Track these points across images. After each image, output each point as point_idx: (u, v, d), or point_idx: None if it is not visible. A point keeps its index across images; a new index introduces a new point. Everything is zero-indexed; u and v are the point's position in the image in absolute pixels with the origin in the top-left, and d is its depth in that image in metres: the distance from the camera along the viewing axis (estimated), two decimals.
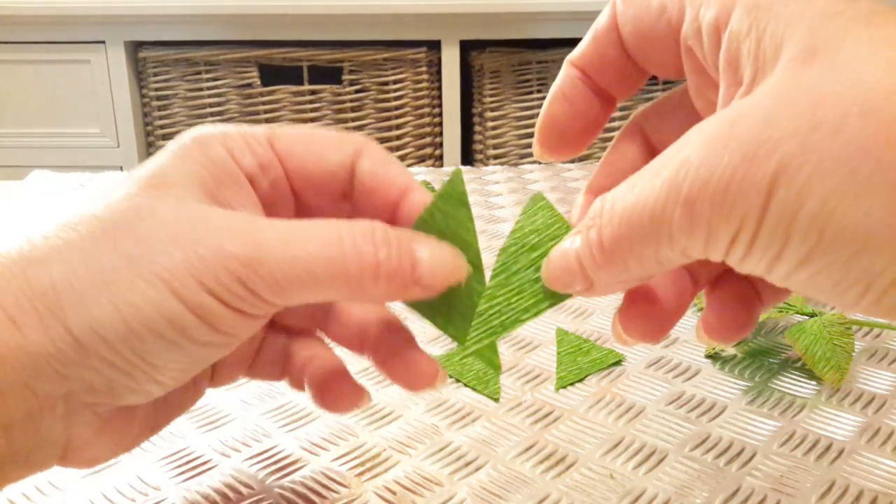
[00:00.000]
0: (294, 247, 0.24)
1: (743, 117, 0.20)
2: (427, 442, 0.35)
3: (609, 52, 0.27)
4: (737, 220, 0.19)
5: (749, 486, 0.32)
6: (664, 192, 0.21)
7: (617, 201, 0.22)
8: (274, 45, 1.59)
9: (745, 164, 0.19)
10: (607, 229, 0.22)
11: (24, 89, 1.62)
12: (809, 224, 0.19)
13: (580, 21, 1.58)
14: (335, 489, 0.32)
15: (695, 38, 0.23)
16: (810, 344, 0.40)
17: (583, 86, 0.28)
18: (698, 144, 0.20)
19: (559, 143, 0.29)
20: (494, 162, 1.66)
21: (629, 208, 0.22)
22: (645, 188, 0.21)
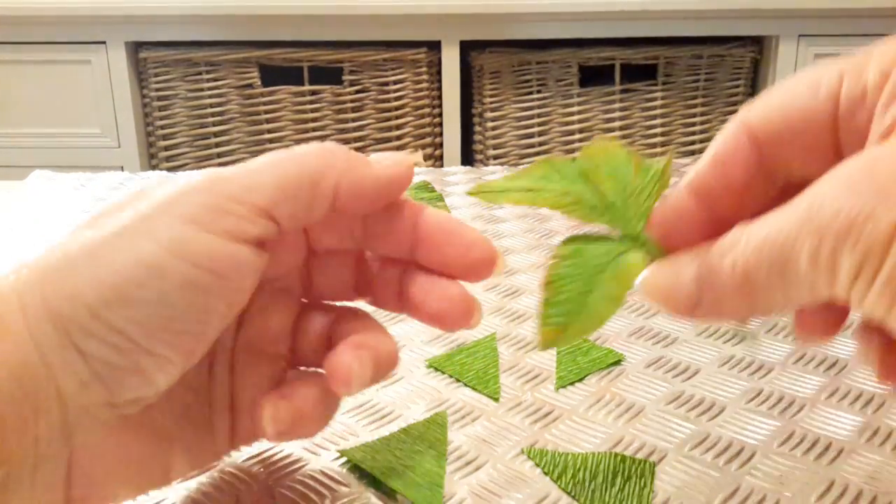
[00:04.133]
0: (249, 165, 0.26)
1: (883, 157, 0.20)
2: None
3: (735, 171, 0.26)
4: (860, 254, 0.19)
5: (748, 486, 0.32)
6: (797, 224, 0.21)
7: (752, 233, 0.22)
8: (274, 45, 1.59)
9: (875, 199, 0.19)
10: (741, 257, 0.22)
11: (24, 89, 1.62)
12: None
13: (580, 21, 1.58)
14: (335, 489, 0.32)
15: (857, 102, 0.23)
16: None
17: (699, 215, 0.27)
18: (836, 181, 0.20)
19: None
20: (494, 162, 1.66)
21: (764, 238, 0.22)
22: (780, 220, 0.21)
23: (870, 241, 0.19)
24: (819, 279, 0.20)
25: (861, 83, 0.23)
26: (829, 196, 0.20)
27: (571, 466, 0.33)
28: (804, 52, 1.63)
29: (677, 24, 1.60)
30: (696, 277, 0.24)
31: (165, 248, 0.23)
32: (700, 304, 0.24)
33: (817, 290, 0.21)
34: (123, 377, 0.24)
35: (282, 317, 0.30)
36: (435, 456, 0.34)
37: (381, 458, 0.33)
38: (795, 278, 0.21)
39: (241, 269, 0.25)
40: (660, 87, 1.66)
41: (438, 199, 0.59)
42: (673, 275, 0.25)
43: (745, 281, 0.22)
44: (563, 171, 0.28)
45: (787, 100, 0.25)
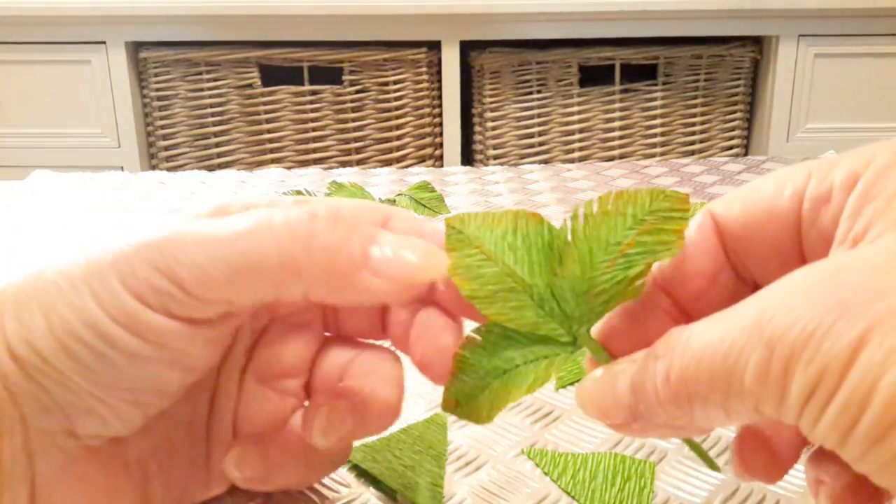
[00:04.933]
0: (216, 227, 0.22)
1: (849, 266, 0.18)
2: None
3: (702, 261, 0.24)
4: (815, 373, 0.17)
5: (748, 486, 0.32)
6: (745, 332, 0.18)
7: (694, 336, 0.20)
8: (274, 45, 1.59)
9: (837, 312, 0.17)
10: (678, 363, 0.20)
11: (24, 89, 1.62)
12: (891, 396, 0.16)
13: (580, 21, 1.58)
14: (335, 489, 0.32)
15: (822, 200, 0.21)
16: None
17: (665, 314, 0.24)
18: (792, 287, 0.18)
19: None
20: (494, 162, 1.66)
21: (705, 345, 0.19)
22: (727, 325, 0.19)
23: (827, 360, 0.17)
24: (766, 397, 0.18)
25: (827, 183, 0.21)
26: (783, 304, 0.18)
27: (571, 466, 0.33)
28: (804, 52, 1.63)
29: (677, 24, 1.60)
30: (630, 386, 0.21)
31: (110, 316, 0.22)
32: (637, 418, 0.21)
33: (763, 408, 0.18)
34: (80, 415, 0.23)
35: (297, 351, 0.28)
36: (435, 456, 0.34)
37: (381, 458, 0.33)
38: (739, 393, 0.18)
39: (192, 342, 0.23)
40: (660, 87, 1.67)
41: (438, 199, 0.59)
42: (609, 384, 0.22)
43: (682, 391, 0.20)
44: (532, 238, 0.25)
45: (753, 195, 0.23)
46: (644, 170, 0.79)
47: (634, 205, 0.24)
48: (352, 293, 0.23)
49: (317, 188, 0.70)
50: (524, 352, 0.24)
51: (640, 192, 0.24)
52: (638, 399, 0.21)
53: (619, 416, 0.22)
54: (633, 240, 0.23)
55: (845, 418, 0.17)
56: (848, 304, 0.17)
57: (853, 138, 1.67)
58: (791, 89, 1.65)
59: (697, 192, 0.71)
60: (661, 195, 0.24)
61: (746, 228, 0.23)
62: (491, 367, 0.24)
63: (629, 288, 0.23)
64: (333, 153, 1.66)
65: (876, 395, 0.16)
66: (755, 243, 0.23)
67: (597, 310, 0.24)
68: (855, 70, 1.65)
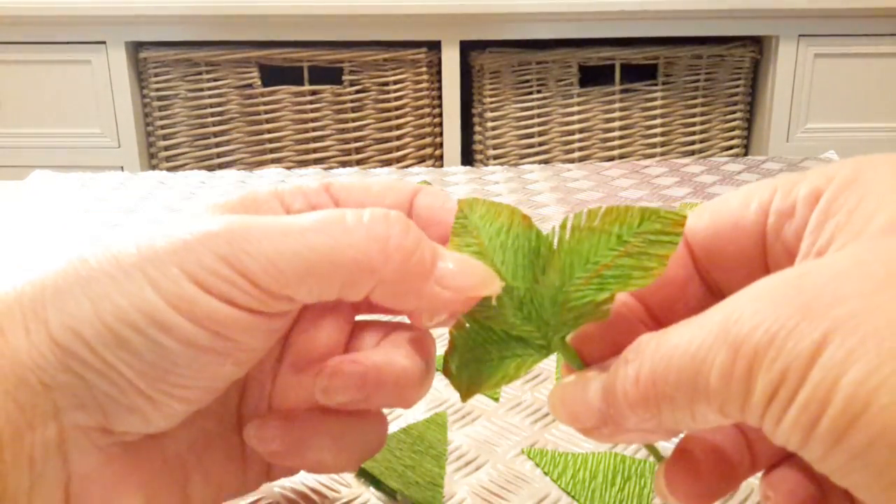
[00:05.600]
0: (285, 222, 0.22)
1: (810, 272, 0.18)
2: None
3: (676, 273, 0.24)
4: (778, 373, 0.17)
5: (748, 486, 0.32)
6: (711, 335, 0.19)
7: (663, 340, 0.20)
8: (274, 45, 1.59)
9: (799, 314, 0.17)
10: (647, 365, 0.20)
11: (24, 89, 1.62)
12: (850, 396, 0.16)
13: (580, 21, 1.58)
14: (335, 489, 0.32)
15: (786, 214, 0.22)
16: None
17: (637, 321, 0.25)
18: (758, 293, 0.19)
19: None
20: (494, 162, 1.66)
21: (673, 347, 0.20)
22: (692, 329, 0.19)
23: (789, 360, 0.17)
24: (730, 397, 0.18)
25: (791, 198, 0.22)
26: (748, 308, 0.18)
27: (571, 466, 0.33)
28: (804, 52, 1.63)
29: (677, 24, 1.60)
30: (602, 391, 0.22)
31: (169, 303, 0.22)
32: (607, 422, 0.22)
33: (727, 409, 0.19)
34: (119, 411, 0.23)
35: (331, 335, 0.27)
36: (435, 456, 0.34)
37: (381, 458, 0.33)
38: (705, 394, 0.19)
39: (251, 332, 0.23)
40: (660, 87, 1.67)
41: None
42: (579, 390, 0.23)
43: (651, 393, 0.20)
44: (520, 241, 0.24)
45: (721, 208, 0.24)
46: (644, 170, 0.79)
47: (622, 224, 0.23)
48: (415, 298, 0.24)
49: None
50: (500, 347, 0.25)
51: (630, 210, 0.23)
52: (608, 403, 0.22)
53: (590, 421, 0.22)
54: (611, 261, 0.23)
55: (807, 417, 0.17)
56: (810, 307, 0.17)
57: (853, 138, 1.67)
58: (791, 89, 1.65)
59: (697, 192, 0.71)
60: (653, 216, 0.23)
61: (714, 240, 0.24)
62: (472, 354, 0.25)
63: (597, 310, 0.23)
64: (333, 153, 1.66)
65: (836, 393, 0.16)
66: (722, 254, 0.24)
67: (569, 322, 0.24)
68: (855, 70, 1.65)
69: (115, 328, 0.22)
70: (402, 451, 0.34)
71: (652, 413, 0.20)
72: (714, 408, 0.19)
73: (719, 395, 0.19)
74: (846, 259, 0.19)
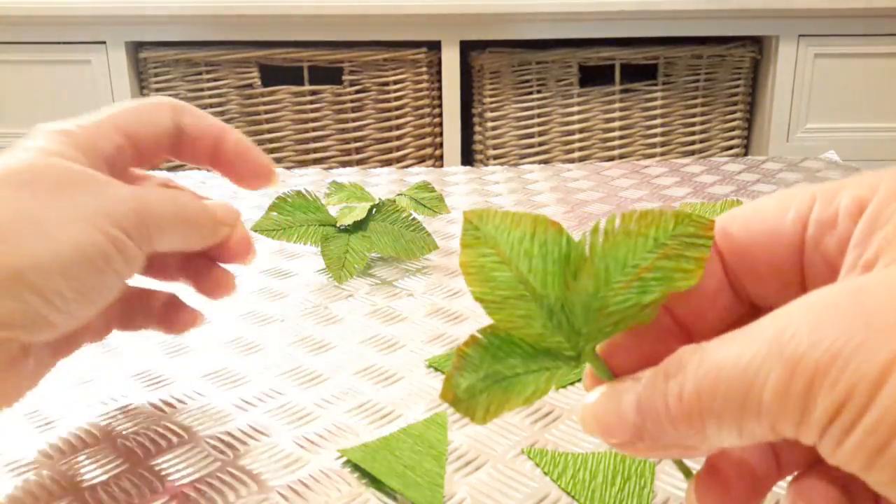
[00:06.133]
0: (159, 196, 0.33)
1: (870, 287, 0.18)
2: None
3: (706, 282, 0.23)
4: (841, 394, 0.16)
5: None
6: (763, 350, 0.18)
7: (707, 353, 0.19)
8: (274, 45, 1.59)
9: (863, 333, 0.17)
10: (691, 381, 0.19)
11: (24, 89, 1.62)
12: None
13: (580, 21, 1.58)
14: (336, 488, 0.32)
15: (827, 225, 0.21)
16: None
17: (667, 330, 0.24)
18: (812, 306, 0.18)
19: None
20: (494, 162, 1.66)
21: (722, 361, 0.19)
22: (744, 343, 0.18)
23: (855, 380, 0.16)
24: (785, 416, 0.18)
25: (833, 208, 0.21)
26: (804, 323, 0.17)
27: (571, 466, 0.33)
28: (804, 52, 1.63)
29: (677, 24, 1.60)
30: (636, 404, 0.21)
31: (112, 244, 0.30)
32: (643, 437, 0.21)
33: (780, 428, 0.18)
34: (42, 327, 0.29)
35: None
36: (435, 456, 0.34)
37: (381, 458, 0.33)
38: (756, 412, 0.18)
39: (138, 270, 0.32)
40: (660, 87, 1.67)
41: (438, 199, 0.59)
42: (612, 402, 0.22)
43: (695, 409, 0.19)
44: (549, 247, 0.24)
45: (755, 215, 0.23)
46: (644, 170, 0.79)
47: (657, 227, 0.23)
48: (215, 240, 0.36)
49: (317, 188, 0.70)
50: (527, 361, 0.24)
51: (664, 213, 0.23)
52: (645, 417, 0.21)
53: (624, 435, 0.22)
54: (651, 264, 0.23)
55: (874, 440, 0.16)
56: (873, 325, 0.17)
57: (853, 138, 1.67)
58: (791, 89, 1.65)
59: (697, 192, 0.71)
60: (686, 219, 0.23)
61: (747, 249, 0.23)
62: (492, 370, 0.24)
63: (641, 313, 0.23)
64: (333, 153, 1.66)
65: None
66: (756, 264, 0.23)
67: (605, 329, 0.23)
68: (855, 70, 1.64)
69: (76, 260, 0.29)
70: (402, 451, 0.34)
71: (696, 429, 0.20)
72: (765, 426, 0.18)
73: (772, 414, 0.18)
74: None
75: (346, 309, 0.49)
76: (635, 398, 0.21)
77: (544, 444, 0.35)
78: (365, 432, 0.36)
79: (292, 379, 0.41)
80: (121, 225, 0.30)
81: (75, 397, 0.39)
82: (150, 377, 0.41)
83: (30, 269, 0.28)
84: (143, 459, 0.34)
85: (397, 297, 0.50)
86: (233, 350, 0.44)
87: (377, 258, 0.57)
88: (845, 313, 0.17)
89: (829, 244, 0.21)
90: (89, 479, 0.33)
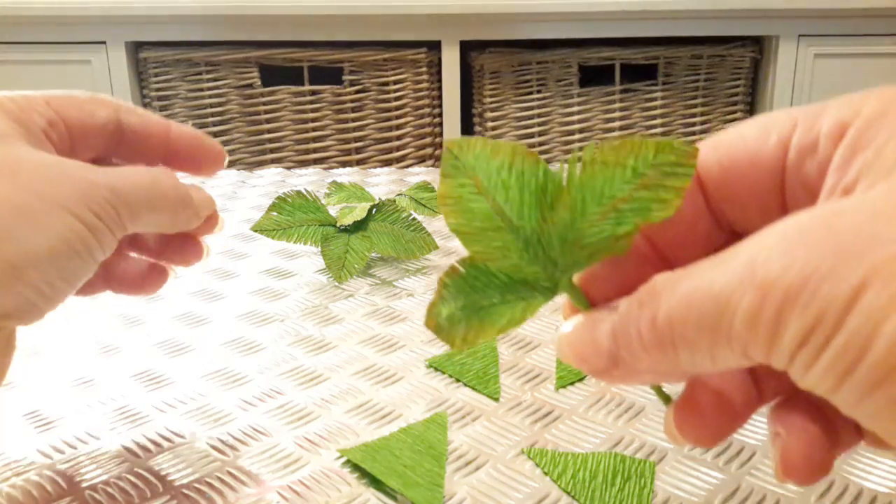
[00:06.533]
0: (135, 183, 0.32)
1: (845, 211, 0.17)
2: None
3: (686, 209, 0.23)
4: (812, 317, 0.17)
5: (748, 486, 0.32)
6: (736, 275, 0.18)
7: (681, 280, 0.19)
8: (274, 45, 1.59)
9: (835, 257, 0.16)
10: (664, 307, 0.20)
11: (24, 89, 1.61)
12: (892, 343, 0.16)
13: (580, 21, 1.58)
14: (336, 488, 0.32)
15: (808, 149, 0.21)
16: None
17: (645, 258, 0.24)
18: (787, 232, 0.18)
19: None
20: None
21: (693, 288, 0.19)
22: (714, 270, 0.19)
23: (825, 304, 0.16)
24: (756, 341, 0.18)
25: (814, 132, 0.21)
26: (777, 248, 0.17)
27: (571, 466, 0.33)
28: (804, 52, 1.63)
29: (677, 24, 1.60)
30: (611, 332, 0.21)
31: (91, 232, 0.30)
32: (618, 364, 0.21)
33: (752, 352, 0.18)
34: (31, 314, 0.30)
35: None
36: (435, 456, 0.34)
37: (381, 458, 0.33)
38: (727, 337, 0.18)
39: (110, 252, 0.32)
40: (660, 87, 1.66)
41: None
42: (588, 331, 0.22)
43: (668, 336, 0.20)
44: (526, 177, 0.24)
45: (736, 141, 0.23)
46: None
47: (636, 157, 0.23)
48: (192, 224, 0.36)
49: (317, 188, 0.70)
50: (503, 291, 0.24)
51: (645, 142, 0.23)
52: (619, 345, 0.21)
53: (599, 363, 0.22)
54: (628, 194, 0.22)
55: (842, 363, 0.16)
56: (846, 249, 0.16)
57: None
58: (791, 89, 1.65)
59: None
60: (667, 147, 0.22)
61: (728, 174, 0.23)
62: (470, 300, 0.24)
63: (616, 244, 0.22)
64: (333, 153, 1.66)
65: (877, 340, 0.16)
66: (736, 190, 0.23)
67: (581, 260, 0.23)
68: (855, 70, 1.64)
69: (61, 251, 0.29)
70: (402, 451, 0.34)
71: (669, 356, 0.20)
72: (737, 351, 0.18)
73: (743, 339, 0.18)
74: (882, 198, 0.18)
75: (346, 309, 0.49)
76: (610, 326, 0.21)
77: (544, 444, 0.35)
78: (365, 432, 0.36)
79: (292, 379, 0.41)
80: (96, 212, 0.30)
81: (75, 397, 0.39)
82: (150, 377, 0.41)
83: (26, 262, 0.28)
84: (143, 459, 0.34)
85: (397, 297, 0.50)
86: (233, 350, 0.44)
87: (377, 258, 0.57)
88: (817, 238, 0.17)
89: (811, 169, 0.21)
90: (89, 479, 0.33)
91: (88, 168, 0.31)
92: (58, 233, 0.29)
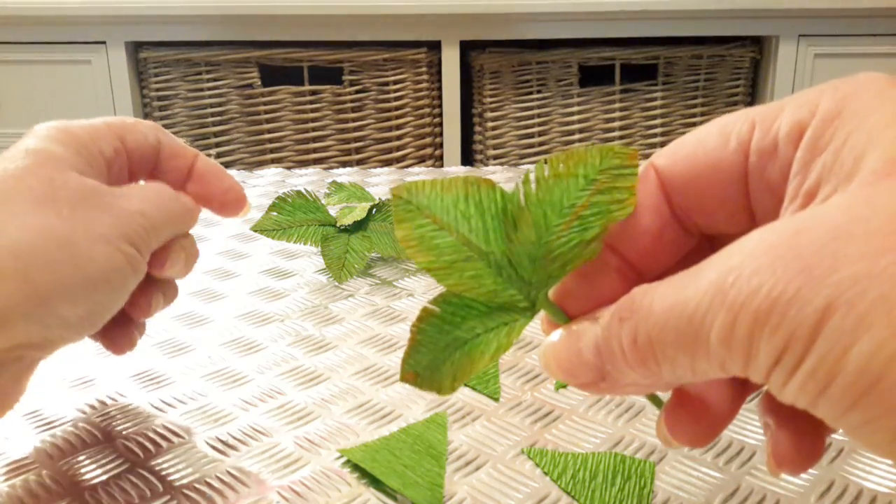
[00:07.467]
0: (159, 205, 0.34)
1: (808, 229, 0.17)
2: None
3: (646, 217, 0.23)
4: (782, 339, 0.17)
5: (748, 486, 0.32)
6: (708, 297, 0.18)
7: (657, 298, 0.20)
8: (274, 45, 1.59)
9: (800, 279, 0.17)
10: (643, 326, 0.20)
11: (24, 89, 1.62)
12: (863, 366, 0.16)
13: (580, 21, 1.58)
14: (336, 488, 0.32)
15: (768, 153, 0.21)
16: None
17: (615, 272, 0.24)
18: (753, 251, 0.18)
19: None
20: (494, 162, 1.66)
21: (668, 308, 0.19)
22: (688, 289, 0.19)
23: (792, 328, 0.17)
24: (732, 358, 0.18)
25: (772, 134, 0.21)
26: (745, 268, 0.18)
27: (571, 466, 0.33)
28: (804, 52, 1.63)
29: (677, 24, 1.60)
30: (594, 347, 0.22)
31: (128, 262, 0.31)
32: (605, 377, 0.22)
33: (729, 367, 0.19)
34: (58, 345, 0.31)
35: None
36: (435, 456, 0.34)
37: (381, 458, 0.33)
38: (705, 354, 0.19)
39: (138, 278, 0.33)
40: (660, 87, 1.67)
41: None
42: (571, 345, 0.22)
43: (649, 354, 0.20)
44: (485, 204, 0.24)
45: (696, 148, 0.23)
46: None
47: (585, 165, 0.23)
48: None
49: (317, 188, 0.70)
50: (484, 320, 0.24)
51: (589, 150, 0.24)
52: (604, 360, 0.21)
53: (587, 376, 0.22)
54: (586, 201, 0.23)
55: (814, 384, 0.17)
56: (810, 271, 0.17)
57: None
58: (791, 89, 1.65)
59: None
60: (609, 152, 0.23)
61: (691, 182, 0.23)
62: (451, 338, 0.24)
63: (586, 249, 0.23)
64: (333, 153, 1.66)
65: (847, 364, 0.16)
66: (700, 197, 0.23)
67: (554, 274, 0.23)
68: (855, 70, 1.62)
69: (96, 281, 0.30)
70: (402, 451, 0.34)
71: (652, 370, 0.20)
72: (716, 366, 0.19)
73: (720, 356, 0.18)
74: (842, 213, 0.18)
75: (345, 309, 0.49)
76: (594, 341, 0.22)
77: (544, 444, 0.35)
78: (365, 432, 0.36)
79: (292, 379, 0.41)
80: (132, 241, 0.31)
81: (75, 397, 0.39)
82: (150, 377, 0.41)
83: (59, 296, 0.29)
84: (143, 459, 0.34)
85: (397, 297, 0.50)
86: (233, 350, 0.44)
87: (377, 258, 0.57)
88: (784, 258, 0.17)
89: (772, 172, 0.21)
90: (89, 479, 0.33)
91: (119, 195, 0.32)
92: (98, 266, 0.30)
